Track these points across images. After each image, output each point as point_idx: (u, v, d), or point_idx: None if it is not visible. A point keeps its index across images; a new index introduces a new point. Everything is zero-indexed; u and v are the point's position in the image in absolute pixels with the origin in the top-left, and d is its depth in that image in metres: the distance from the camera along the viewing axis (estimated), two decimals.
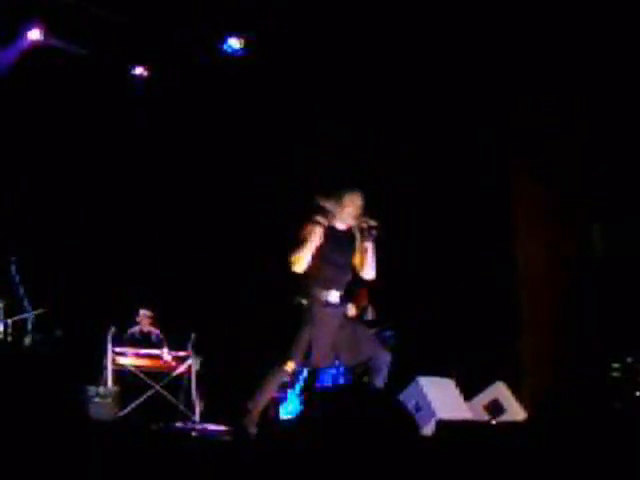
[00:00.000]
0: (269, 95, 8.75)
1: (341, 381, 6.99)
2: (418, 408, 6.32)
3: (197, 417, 7.91)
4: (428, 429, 5.45)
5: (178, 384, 8.22)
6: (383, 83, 8.26)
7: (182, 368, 8.25)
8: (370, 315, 7.75)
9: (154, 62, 8.91)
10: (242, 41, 8.40)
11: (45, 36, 8.36)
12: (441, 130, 8.29)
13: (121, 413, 7.44)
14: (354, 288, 6.74)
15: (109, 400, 7.10)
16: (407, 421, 3.20)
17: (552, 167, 7.84)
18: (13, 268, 7.52)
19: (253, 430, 5.21)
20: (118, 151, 9.38)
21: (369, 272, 5.51)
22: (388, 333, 7.58)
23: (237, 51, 8.51)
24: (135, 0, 7.99)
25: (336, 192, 5.47)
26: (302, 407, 6.87)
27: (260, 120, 8.98)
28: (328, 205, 5.44)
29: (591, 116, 7.62)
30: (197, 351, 8.26)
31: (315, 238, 5.26)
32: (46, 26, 8.29)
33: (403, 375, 6.81)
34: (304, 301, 5.29)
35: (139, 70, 9.03)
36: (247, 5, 7.84)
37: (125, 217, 9.41)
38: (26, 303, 7.58)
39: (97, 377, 7.84)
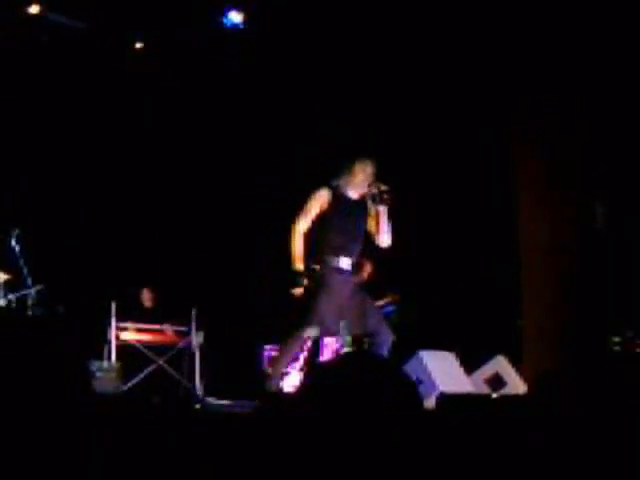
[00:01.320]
0: (269, 73, 8.71)
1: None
2: (420, 381, 6.35)
3: (200, 391, 7.95)
4: (430, 402, 5.47)
5: (180, 358, 8.26)
6: (384, 56, 8.23)
7: (184, 342, 8.29)
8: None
9: (153, 37, 8.83)
10: (243, 15, 8.34)
11: (42, 10, 8.30)
12: (441, 104, 8.27)
13: (124, 387, 7.48)
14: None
15: (112, 374, 7.13)
16: (410, 391, 3.22)
17: (554, 139, 7.82)
18: (14, 241, 7.49)
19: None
20: (117, 129, 9.34)
21: (385, 239, 5.58)
22: (390, 308, 7.63)
23: (237, 25, 8.45)
24: None
25: (347, 161, 5.54)
26: (303, 379, 6.91)
27: (262, 100, 8.95)
28: (340, 174, 5.52)
29: (593, 89, 7.59)
30: (199, 325, 8.29)
31: (314, 205, 5.38)
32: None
33: (405, 349, 6.84)
34: (316, 267, 5.34)
35: (139, 45, 8.96)
36: None
37: (127, 193, 9.39)
38: (28, 278, 7.58)
39: (100, 352, 7.88)
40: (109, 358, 7.78)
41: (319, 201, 5.42)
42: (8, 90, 8.47)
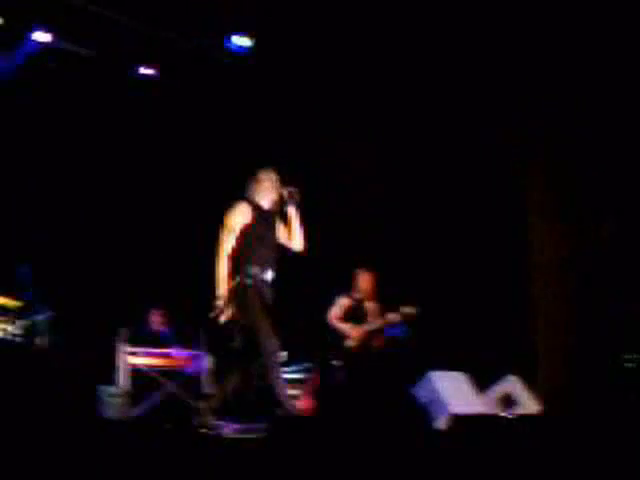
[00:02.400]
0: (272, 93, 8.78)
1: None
2: (431, 402, 6.31)
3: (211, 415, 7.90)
4: (441, 423, 5.44)
5: (190, 382, 8.23)
6: (395, 76, 8.30)
7: (193, 366, 8.27)
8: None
9: (160, 61, 8.91)
10: (248, 39, 8.40)
11: (53, 38, 8.39)
12: (453, 119, 8.34)
13: (134, 412, 7.45)
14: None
15: (120, 399, 7.11)
16: (419, 415, 3.20)
17: (565, 156, 7.84)
18: (25, 271, 7.59)
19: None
20: (125, 152, 9.39)
21: (298, 242, 5.64)
22: (401, 327, 7.60)
23: (243, 49, 8.51)
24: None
25: (251, 176, 5.66)
26: (315, 402, 6.88)
27: (263, 119, 9.01)
28: (249, 188, 5.61)
29: (598, 114, 7.66)
30: (208, 349, 8.28)
31: (238, 220, 5.43)
32: (54, 29, 8.32)
33: (416, 369, 6.81)
34: (248, 281, 5.33)
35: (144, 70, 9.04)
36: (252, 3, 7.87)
37: (134, 218, 9.42)
38: (38, 305, 7.63)
39: (110, 377, 7.86)
40: (118, 383, 7.75)
41: (242, 215, 5.46)
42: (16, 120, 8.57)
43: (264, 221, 5.53)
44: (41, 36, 8.34)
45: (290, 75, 8.66)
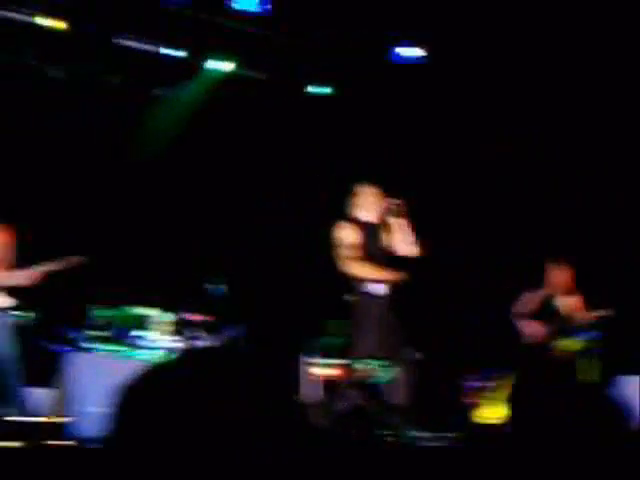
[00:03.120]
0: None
1: None
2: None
3: (399, 424, 7.94)
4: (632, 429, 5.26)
5: (375, 392, 8.30)
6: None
7: (375, 376, 8.32)
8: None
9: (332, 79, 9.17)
10: (418, 49, 8.48)
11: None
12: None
13: (322, 422, 7.61)
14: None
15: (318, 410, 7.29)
16: (618, 415, 3.13)
17: None
18: (220, 288, 7.92)
19: None
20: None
21: (412, 248, 5.63)
22: (594, 333, 7.09)
23: (411, 59, 8.60)
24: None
25: (353, 189, 5.67)
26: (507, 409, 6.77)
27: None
28: (352, 202, 5.64)
29: None
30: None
31: (350, 237, 5.47)
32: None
33: (606, 375, 6.62)
34: (354, 298, 5.46)
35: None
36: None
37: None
38: (233, 322, 7.95)
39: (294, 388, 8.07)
40: (299, 394, 7.91)
41: (351, 235, 5.49)
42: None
43: (372, 236, 5.58)
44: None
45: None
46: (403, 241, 5.62)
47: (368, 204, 5.62)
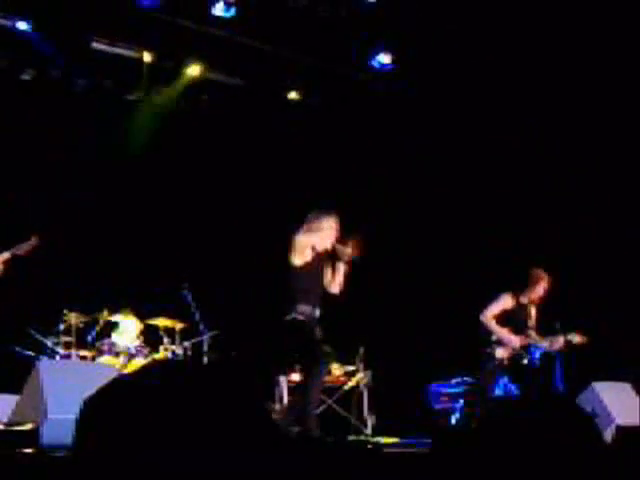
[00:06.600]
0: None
1: (513, 391, 6.61)
2: (595, 414, 6.13)
3: (369, 430, 7.98)
4: (606, 435, 5.28)
5: (349, 398, 8.32)
6: None
7: (352, 382, 8.35)
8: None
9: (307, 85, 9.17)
10: (391, 57, 8.51)
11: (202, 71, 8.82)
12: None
13: (295, 428, 7.61)
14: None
15: (280, 416, 7.29)
16: (588, 426, 3.13)
17: None
18: (188, 294, 7.94)
19: None
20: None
21: (336, 289, 5.74)
22: (537, 353, 6.81)
23: (386, 66, 8.62)
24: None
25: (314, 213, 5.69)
26: (472, 416, 6.78)
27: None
28: (310, 222, 5.67)
29: None
30: (366, 365, 8.34)
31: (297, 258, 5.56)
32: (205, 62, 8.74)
33: (578, 381, 6.64)
34: (300, 318, 5.57)
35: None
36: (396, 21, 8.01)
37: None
38: (201, 326, 7.96)
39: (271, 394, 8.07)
40: (280, 400, 7.93)
41: (304, 255, 5.55)
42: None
43: (319, 263, 5.64)
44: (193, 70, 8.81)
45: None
46: (336, 283, 5.73)
47: (325, 234, 5.62)
